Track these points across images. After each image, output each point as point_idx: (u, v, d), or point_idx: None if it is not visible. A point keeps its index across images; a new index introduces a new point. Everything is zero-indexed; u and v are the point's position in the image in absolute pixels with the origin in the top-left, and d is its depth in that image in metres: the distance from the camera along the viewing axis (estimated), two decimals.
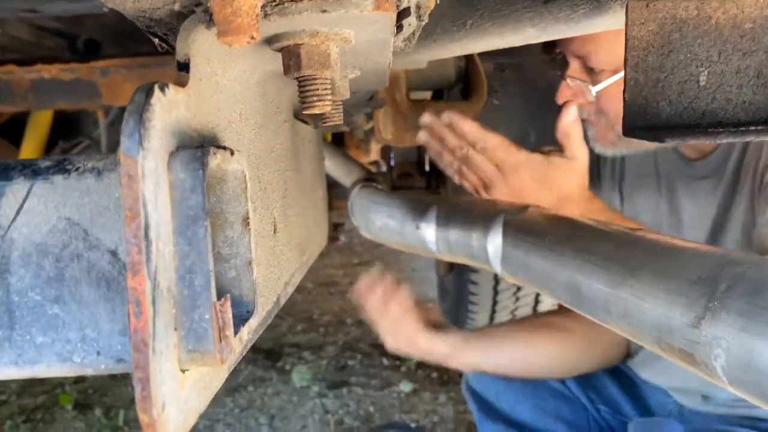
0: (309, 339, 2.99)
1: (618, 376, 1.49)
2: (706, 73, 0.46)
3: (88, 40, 1.72)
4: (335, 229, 4.40)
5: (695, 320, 0.47)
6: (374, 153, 3.19)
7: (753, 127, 0.43)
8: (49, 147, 2.05)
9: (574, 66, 1.18)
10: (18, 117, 2.01)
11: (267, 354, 2.81)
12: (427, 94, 1.64)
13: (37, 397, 2.44)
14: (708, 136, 0.42)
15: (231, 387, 2.50)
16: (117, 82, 1.34)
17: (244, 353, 0.49)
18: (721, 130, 0.44)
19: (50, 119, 2.06)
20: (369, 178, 1.37)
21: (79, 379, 2.57)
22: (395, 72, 1.22)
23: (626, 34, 0.47)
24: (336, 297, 3.60)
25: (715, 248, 0.52)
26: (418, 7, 0.46)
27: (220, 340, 0.34)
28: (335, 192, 2.11)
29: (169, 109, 0.33)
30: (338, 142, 2.73)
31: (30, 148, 1.97)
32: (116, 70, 1.34)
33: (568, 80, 1.18)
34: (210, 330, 0.34)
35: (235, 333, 0.41)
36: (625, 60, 0.47)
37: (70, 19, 1.56)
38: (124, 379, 2.45)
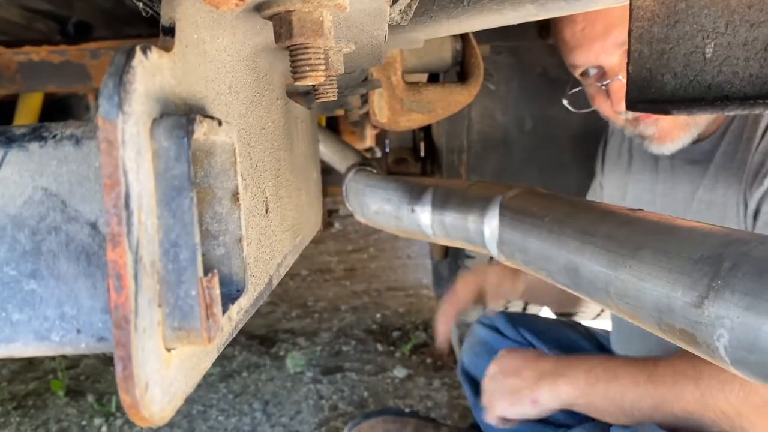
0: (303, 325, 2.98)
1: None
2: (712, 44, 0.44)
3: (78, 22, 1.69)
4: (329, 215, 4.38)
5: (698, 300, 0.46)
6: (369, 139, 3.18)
7: (761, 101, 0.42)
8: None
9: (616, 63, 1.14)
10: (8, 101, 1.98)
11: (261, 340, 2.80)
12: (423, 77, 1.62)
13: (29, 383, 2.43)
14: (715, 108, 0.41)
15: (225, 373, 2.49)
16: (107, 65, 1.32)
17: (234, 334, 0.47)
18: (728, 103, 0.43)
19: (40, 103, 2.03)
20: (364, 163, 1.35)
21: (71, 365, 2.55)
22: (391, 53, 1.19)
23: (630, 3, 0.46)
24: (330, 283, 3.59)
25: (718, 227, 0.51)
26: None
27: (207, 318, 0.33)
28: (329, 178, 2.10)
29: (152, 74, 0.31)
30: (332, 128, 2.71)
31: None
32: (106, 53, 1.31)
33: (621, 78, 1.13)
34: (196, 307, 0.32)
35: (224, 311, 0.39)
36: (630, 31, 0.45)
37: (59, 0, 1.53)
38: None
